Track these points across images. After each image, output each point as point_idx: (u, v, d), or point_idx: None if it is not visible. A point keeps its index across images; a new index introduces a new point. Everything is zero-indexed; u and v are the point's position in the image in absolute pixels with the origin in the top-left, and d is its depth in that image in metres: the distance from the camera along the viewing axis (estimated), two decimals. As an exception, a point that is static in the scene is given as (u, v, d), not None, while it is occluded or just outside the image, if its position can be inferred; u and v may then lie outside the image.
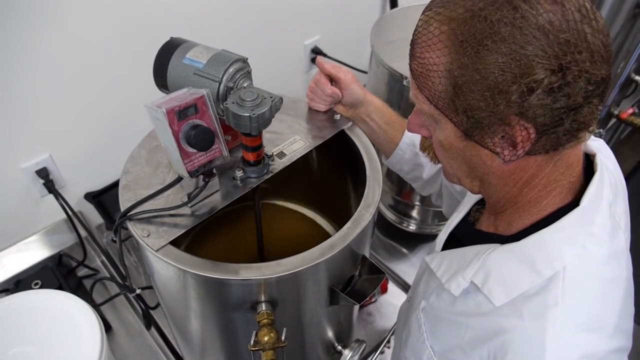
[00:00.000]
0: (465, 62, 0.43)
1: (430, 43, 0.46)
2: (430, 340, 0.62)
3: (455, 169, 0.55)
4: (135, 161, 0.72)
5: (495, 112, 0.44)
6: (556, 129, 0.44)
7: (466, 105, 0.45)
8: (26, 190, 1.01)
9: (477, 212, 0.66)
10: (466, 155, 0.51)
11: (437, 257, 0.64)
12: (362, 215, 0.66)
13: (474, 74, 0.43)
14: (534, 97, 0.41)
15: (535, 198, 0.52)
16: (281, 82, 1.42)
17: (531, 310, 0.49)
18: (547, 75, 0.41)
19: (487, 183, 0.53)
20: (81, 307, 0.80)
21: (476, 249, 0.56)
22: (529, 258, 0.50)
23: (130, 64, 1.00)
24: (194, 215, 0.65)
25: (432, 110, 0.49)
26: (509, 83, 0.42)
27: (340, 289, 0.68)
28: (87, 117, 1.02)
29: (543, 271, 0.49)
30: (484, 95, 0.43)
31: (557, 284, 0.48)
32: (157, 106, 0.55)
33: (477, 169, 0.52)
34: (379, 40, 1.04)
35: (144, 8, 0.98)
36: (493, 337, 0.51)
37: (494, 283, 0.52)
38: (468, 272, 0.55)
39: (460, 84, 0.44)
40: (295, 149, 0.74)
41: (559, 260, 0.49)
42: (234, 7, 1.15)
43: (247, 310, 0.63)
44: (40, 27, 0.86)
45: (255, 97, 0.60)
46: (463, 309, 0.57)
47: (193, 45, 0.67)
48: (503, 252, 0.53)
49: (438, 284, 0.61)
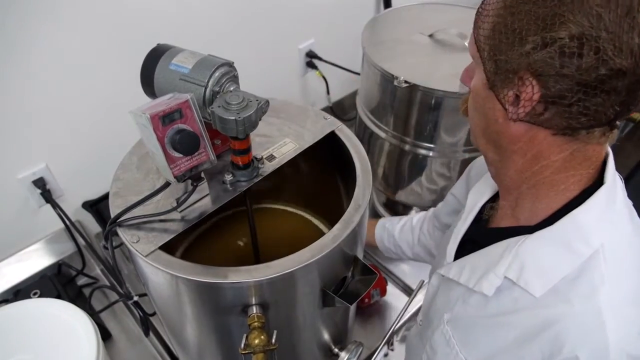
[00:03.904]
0: (508, 4, 0.45)
1: None
2: (464, 352, 0.59)
3: (476, 122, 0.56)
4: (125, 168, 0.72)
5: (511, 59, 0.45)
6: (563, 104, 0.44)
7: (493, 46, 0.47)
8: (24, 201, 1.02)
9: (491, 209, 0.64)
10: (485, 107, 0.52)
11: (455, 267, 0.62)
12: (351, 216, 0.65)
13: (509, 17, 0.45)
14: (545, 52, 0.42)
15: (549, 180, 0.51)
16: (276, 87, 1.42)
17: (579, 293, 0.48)
18: (565, 37, 0.41)
19: (501, 150, 0.53)
20: (78, 315, 0.80)
21: (504, 244, 0.55)
22: (564, 241, 0.50)
23: (126, 73, 1.00)
24: (183, 220, 0.65)
25: (474, 52, 0.51)
26: (531, 33, 0.43)
27: (333, 291, 0.68)
28: (83, 126, 1.02)
29: (582, 250, 0.49)
30: (507, 39, 0.45)
31: (599, 262, 0.48)
32: (141, 112, 0.55)
33: (491, 127, 0.53)
34: (370, 41, 1.04)
35: (139, 16, 0.99)
36: (542, 331, 0.49)
37: (530, 274, 0.51)
38: (500, 268, 0.53)
39: (496, 25, 0.46)
40: (285, 151, 0.74)
41: (596, 238, 0.49)
42: (228, 13, 1.15)
43: (239, 314, 0.63)
44: (34, 39, 0.87)
45: (240, 101, 0.61)
46: (499, 309, 0.55)
47: (179, 51, 0.67)
48: (535, 239, 0.52)
49: (463, 291, 0.60)
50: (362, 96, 1.13)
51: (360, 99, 1.14)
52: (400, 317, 0.98)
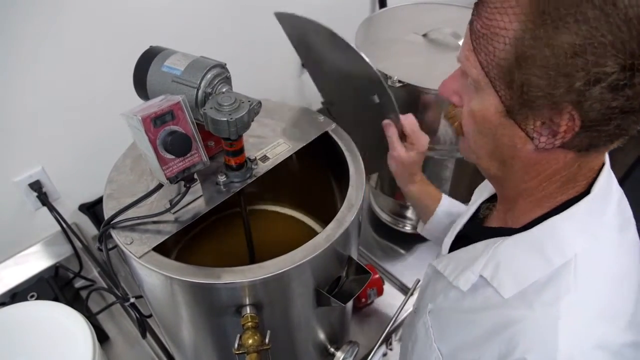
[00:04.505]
0: (540, 35, 0.40)
1: (507, 5, 0.42)
2: (438, 343, 0.60)
3: (479, 145, 0.52)
4: (119, 170, 0.72)
5: (552, 94, 0.41)
6: (600, 128, 0.42)
7: (524, 79, 0.42)
8: (20, 204, 1.02)
9: (487, 209, 0.65)
10: (498, 133, 0.49)
11: (444, 260, 0.63)
12: (344, 216, 0.66)
13: (545, 49, 0.40)
14: (597, 89, 0.39)
15: (551, 193, 0.51)
16: (272, 88, 1.43)
17: (542, 299, 0.48)
18: (616, 71, 0.38)
19: (508, 167, 0.51)
20: (75, 318, 0.80)
21: (485, 243, 0.56)
22: (539, 246, 0.49)
23: (120, 75, 1.01)
24: (177, 221, 0.65)
25: (480, 76, 0.47)
26: (577, 68, 0.39)
27: (327, 290, 0.68)
28: (79, 128, 1.03)
29: (554, 259, 0.48)
30: (547, 74, 0.41)
31: (569, 271, 0.47)
32: (133, 114, 0.55)
33: (503, 151, 0.50)
34: (363, 41, 1.04)
35: (132, 19, 0.99)
36: (502, 330, 0.50)
37: (503, 275, 0.51)
38: (477, 266, 0.54)
39: (526, 56, 0.42)
40: (278, 152, 0.74)
41: (570, 248, 0.48)
42: (222, 14, 1.15)
43: (233, 314, 0.63)
44: (30, 43, 0.87)
45: (233, 102, 0.61)
46: (471, 305, 0.56)
47: (171, 52, 0.67)
48: (512, 242, 0.52)
49: (446, 283, 0.61)
50: (357, 96, 1.13)
51: (356, 99, 1.14)
52: (396, 316, 0.99)
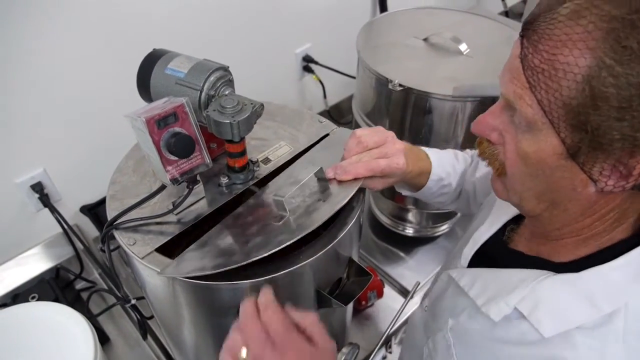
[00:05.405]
0: (620, 72, 0.36)
1: (577, 39, 0.38)
2: None
3: (526, 187, 0.48)
4: (122, 172, 0.73)
5: (632, 137, 0.38)
6: None
7: (599, 121, 0.38)
8: (22, 205, 1.02)
9: (511, 231, 0.62)
10: (554, 175, 0.44)
11: (467, 275, 0.60)
12: (345, 217, 0.66)
13: (629, 88, 0.36)
14: None
15: (600, 232, 0.48)
16: (274, 91, 1.43)
17: (587, 343, 0.45)
18: None
19: (561, 209, 0.48)
20: (76, 319, 0.81)
21: (522, 274, 0.52)
22: (588, 292, 0.46)
23: (123, 78, 1.01)
24: (180, 223, 0.66)
25: (537, 116, 0.42)
26: None
27: (328, 292, 0.68)
28: (81, 130, 1.03)
29: (603, 307, 0.45)
30: (630, 115, 0.37)
31: (618, 319, 0.45)
32: (137, 116, 0.56)
33: (559, 193, 0.46)
34: (364, 45, 1.05)
35: (135, 21, 1.00)
36: None
37: (543, 313, 0.48)
38: (512, 298, 0.51)
39: (603, 96, 0.37)
40: (280, 154, 0.75)
41: (622, 296, 0.45)
42: (225, 18, 1.16)
43: (235, 316, 0.63)
44: (32, 45, 0.88)
45: (235, 104, 0.61)
46: (504, 337, 0.52)
47: (175, 55, 0.68)
48: (558, 282, 0.49)
49: (470, 304, 0.58)
50: (358, 100, 1.14)
51: (356, 102, 1.15)
52: (396, 319, 0.99)
